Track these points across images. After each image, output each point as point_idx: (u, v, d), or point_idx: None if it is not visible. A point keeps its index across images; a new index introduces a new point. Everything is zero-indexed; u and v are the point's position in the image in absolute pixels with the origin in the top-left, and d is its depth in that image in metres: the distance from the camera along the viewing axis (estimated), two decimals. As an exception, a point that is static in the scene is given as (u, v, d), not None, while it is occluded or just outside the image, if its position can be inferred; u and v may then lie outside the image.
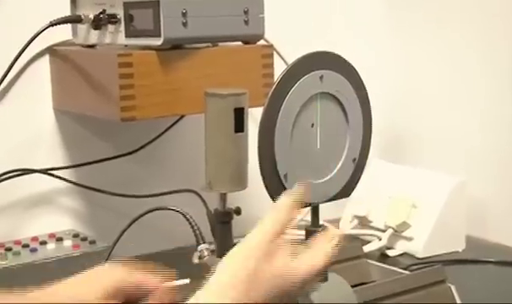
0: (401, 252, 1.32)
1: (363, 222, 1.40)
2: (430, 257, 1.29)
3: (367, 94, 0.93)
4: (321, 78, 0.88)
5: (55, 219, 1.28)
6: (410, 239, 1.32)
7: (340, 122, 0.92)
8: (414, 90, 1.56)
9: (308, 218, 0.94)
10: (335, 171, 0.92)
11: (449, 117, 1.48)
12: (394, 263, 1.26)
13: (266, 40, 1.24)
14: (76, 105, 1.20)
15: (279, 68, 1.21)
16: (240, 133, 1.00)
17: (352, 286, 0.95)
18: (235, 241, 1.08)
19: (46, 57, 1.24)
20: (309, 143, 0.89)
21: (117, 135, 1.32)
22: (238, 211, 1.05)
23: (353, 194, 0.95)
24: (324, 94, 0.89)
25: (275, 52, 1.21)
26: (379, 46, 1.58)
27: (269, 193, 0.86)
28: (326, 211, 0.93)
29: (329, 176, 0.92)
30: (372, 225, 1.38)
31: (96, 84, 1.12)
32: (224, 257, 0.77)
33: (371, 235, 1.36)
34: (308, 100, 0.88)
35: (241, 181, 1.02)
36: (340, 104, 0.91)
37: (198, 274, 1.01)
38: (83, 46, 1.19)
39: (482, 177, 1.40)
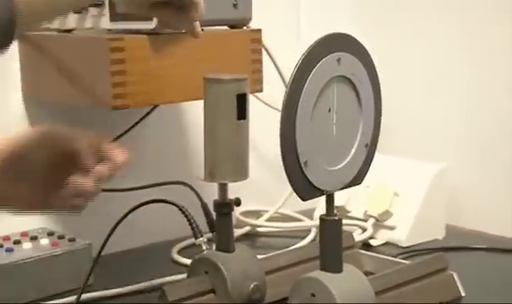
0: (384, 241, 1.32)
1: (341, 212, 1.38)
2: (413, 245, 1.30)
3: (378, 76, 0.93)
4: (338, 60, 0.87)
5: (23, 217, 1.22)
6: (392, 228, 1.33)
7: (354, 106, 0.91)
8: (395, 78, 1.57)
9: (284, 211, 0.92)
10: (349, 157, 0.91)
11: (431, 106, 1.49)
12: (378, 253, 1.26)
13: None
14: (51, 93, 1.14)
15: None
16: (242, 120, 0.97)
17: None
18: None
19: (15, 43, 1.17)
20: (327, 129, 0.87)
21: (92, 125, 1.26)
22: (238, 202, 1.02)
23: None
24: (340, 77, 0.88)
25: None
26: (358, 34, 1.57)
27: (290, 181, 0.85)
28: (297, 202, 0.90)
29: (343, 163, 0.90)
30: (350, 214, 1.38)
31: (77, 71, 1.07)
32: None
33: (352, 225, 1.35)
34: (326, 84, 0.86)
35: (243, 171, 0.99)
36: (355, 88, 0.90)
37: (198, 270, 0.99)
38: (59, 30, 1.13)
39: (462, 165, 1.42)
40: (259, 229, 1.41)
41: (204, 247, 1.03)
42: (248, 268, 0.98)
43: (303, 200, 0.87)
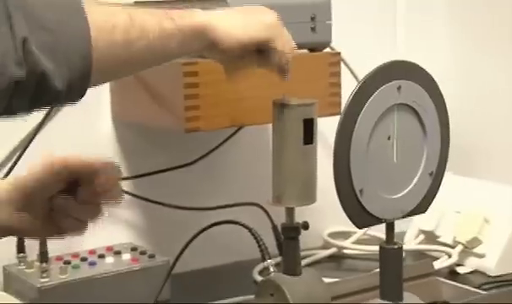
0: (472, 269, 1.30)
1: (430, 237, 1.38)
2: (503, 275, 1.27)
3: (445, 104, 0.92)
4: (399, 88, 0.87)
5: (112, 232, 1.28)
6: (481, 256, 1.30)
7: (417, 133, 0.90)
8: (482, 99, 1.54)
9: (374, 233, 0.93)
10: (412, 185, 0.91)
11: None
12: (465, 281, 1.24)
13: (332, 49, 1.23)
14: (136, 115, 1.20)
15: (345, 78, 1.22)
16: (309, 145, 0.99)
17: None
18: (302, 255, 1.08)
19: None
20: (386, 157, 0.88)
21: (176, 146, 1.32)
22: (306, 226, 1.03)
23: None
24: (402, 105, 0.88)
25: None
26: (444, 55, 1.56)
27: (344, 209, 0.86)
28: None
29: (405, 191, 0.90)
30: (439, 240, 1.36)
31: (158, 93, 1.12)
32: None
33: (439, 251, 1.33)
34: (385, 112, 0.87)
35: (309, 195, 1.00)
36: (418, 115, 0.90)
37: (264, 291, 1.01)
38: (144, 53, 1.19)
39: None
40: (346, 251, 1.42)
41: (272, 270, 1.05)
42: (313, 292, 0.99)
43: (359, 228, 0.88)
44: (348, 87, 0.90)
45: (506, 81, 1.47)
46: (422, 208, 0.93)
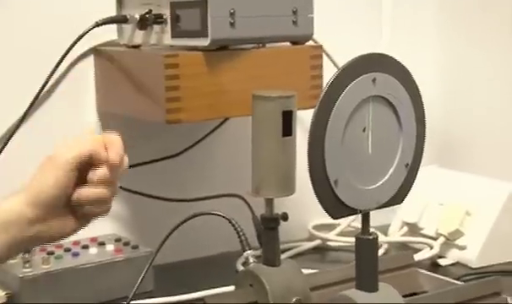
0: (454, 261, 1.31)
1: (413, 229, 1.39)
2: (485, 266, 1.28)
3: (420, 96, 0.93)
4: (374, 80, 0.88)
5: (97, 223, 1.29)
6: (463, 248, 1.31)
7: (393, 125, 0.91)
8: (466, 92, 1.55)
9: (358, 225, 0.95)
10: (387, 176, 0.92)
11: (503, 120, 1.47)
12: (447, 273, 1.25)
13: (315, 41, 1.24)
14: (120, 106, 1.22)
15: (327, 70, 1.23)
16: (288, 137, 1.00)
17: (403, 296, 0.95)
18: (282, 247, 1.10)
19: (91, 58, 1.26)
20: (361, 148, 0.89)
21: (161, 137, 1.33)
22: (285, 217, 1.05)
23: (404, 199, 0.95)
24: (377, 97, 0.89)
25: (323, 54, 1.22)
26: (429, 47, 1.57)
27: (319, 200, 0.87)
28: (374, 217, 0.93)
29: (380, 182, 0.92)
30: (422, 232, 1.38)
31: (141, 85, 1.14)
32: None
33: (421, 243, 1.35)
34: (360, 104, 0.88)
35: (288, 187, 1.02)
36: (393, 107, 0.91)
37: (244, 282, 1.03)
38: (128, 46, 1.20)
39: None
40: (330, 243, 1.44)
41: (251, 261, 1.06)
42: (292, 283, 1.01)
43: (334, 218, 0.89)
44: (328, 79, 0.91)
45: (492, 75, 1.49)
46: (397, 199, 0.94)
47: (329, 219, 1.43)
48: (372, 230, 0.92)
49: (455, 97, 1.58)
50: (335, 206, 0.88)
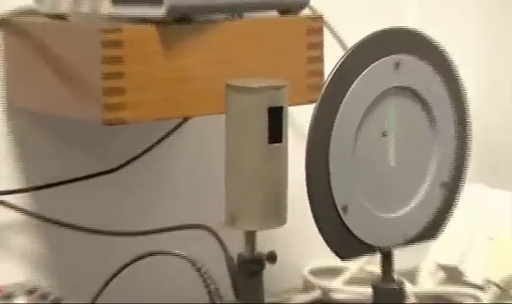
0: (509, 320, 1.34)
1: (453, 275, 1.41)
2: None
3: (463, 89, 0.96)
4: (396, 65, 0.91)
5: (2, 267, 1.31)
6: (522, 301, 1.34)
7: (424, 129, 0.94)
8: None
9: (375, 268, 0.97)
10: (416, 201, 0.94)
11: None
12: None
13: (313, 10, 1.26)
14: (39, 101, 1.22)
15: (331, 51, 1.25)
16: (277, 144, 1.03)
17: None
18: (268, 300, 1.11)
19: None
20: (379, 161, 0.91)
21: (95, 145, 1.35)
22: (273, 257, 1.07)
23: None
24: (401, 88, 0.92)
25: (325, 28, 1.24)
26: (469, 21, 1.60)
27: (321, 233, 0.89)
28: (398, 257, 0.96)
29: (407, 208, 0.94)
30: (465, 279, 1.40)
31: (68, 71, 1.14)
32: None
33: (464, 294, 1.37)
34: (378, 99, 0.90)
35: (277, 215, 1.04)
36: (424, 103, 0.93)
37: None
38: (49, 16, 1.21)
39: None
40: (335, 294, 1.45)
41: (225, 320, 1.08)
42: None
43: (342, 259, 0.91)
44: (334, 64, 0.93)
45: None
46: (430, 232, 0.97)
47: (333, 261, 1.48)
48: (395, 276, 0.94)
49: (503, 94, 1.60)
50: (344, 242, 0.91)
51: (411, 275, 1.44)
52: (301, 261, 1.47)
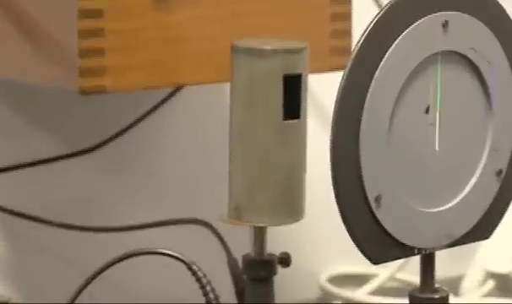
0: None
1: (504, 284, 1.42)
2: None
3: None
4: (444, 25, 0.90)
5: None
6: None
7: (477, 104, 0.94)
8: None
9: (408, 276, 0.96)
10: (466, 191, 0.94)
11: None
12: None
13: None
14: (5, 66, 1.22)
15: (361, 8, 1.25)
16: (294, 121, 1.03)
17: None
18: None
19: None
20: (420, 143, 0.91)
21: (71, 120, 1.36)
22: (286, 260, 1.08)
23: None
24: (450, 53, 0.92)
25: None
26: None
27: (348, 230, 0.89)
28: (439, 262, 0.96)
29: (453, 203, 0.94)
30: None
31: (36, 27, 1.15)
32: None
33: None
34: (421, 66, 0.90)
35: (292, 208, 1.05)
36: (478, 72, 0.93)
37: None
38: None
39: None
40: (359, 306, 1.46)
41: (225, 331, 1.09)
42: None
43: (374, 263, 0.91)
44: (365, 22, 0.93)
45: None
46: (484, 231, 0.96)
47: (356, 267, 1.50)
48: (437, 285, 0.95)
49: None
50: (376, 241, 0.90)
51: (454, 285, 1.45)
52: (317, 266, 1.48)
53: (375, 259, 0.91)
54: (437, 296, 0.94)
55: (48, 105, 1.34)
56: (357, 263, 1.43)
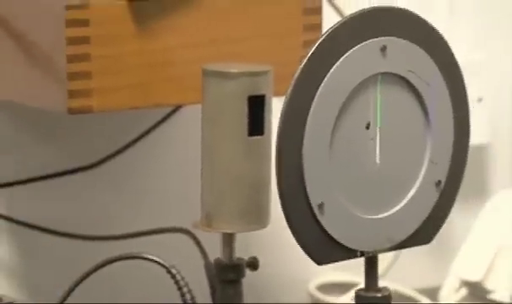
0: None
1: (477, 292, 1.45)
2: None
3: (461, 75, 1.00)
4: (383, 49, 0.95)
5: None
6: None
7: (416, 121, 0.98)
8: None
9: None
10: (406, 200, 0.99)
11: None
12: None
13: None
14: (4, 89, 1.27)
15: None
16: (258, 137, 1.08)
17: None
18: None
19: None
20: (361, 156, 0.96)
21: (65, 138, 1.40)
22: (254, 264, 1.13)
23: (461, 246, 0.99)
24: (390, 75, 0.96)
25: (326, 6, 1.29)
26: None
27: (294, 234, 0.93)
28: (412, 271, 0.97)
29: (395, 209, 0.99)
30: (490, 296, 1.44)
31: (28, 51, 1.19)
32: None
33: (487, 314, 1.41)
34: (362, 86, 0.94)
35: (258, 216, 1.10)
36: (418, 93, 0.98)
37: None
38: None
39: None
40: (345, 312, 1.50)
41: (200, 331, 1.13)
42: None
43: (319, 264, 0.96)
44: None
45: None
46: (424, 236, 1.01)
47: (339, 277, 1.51)
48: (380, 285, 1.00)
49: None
50: (321, 244, 0.95)
51: (432, 291, 1.48)
52: (306, 274, 1.51)
53: (320, 261, 0.95)
54: (379, 295, 0.98)
55: (53, 123, 1.38)
56: (346, 269, 1.46)
